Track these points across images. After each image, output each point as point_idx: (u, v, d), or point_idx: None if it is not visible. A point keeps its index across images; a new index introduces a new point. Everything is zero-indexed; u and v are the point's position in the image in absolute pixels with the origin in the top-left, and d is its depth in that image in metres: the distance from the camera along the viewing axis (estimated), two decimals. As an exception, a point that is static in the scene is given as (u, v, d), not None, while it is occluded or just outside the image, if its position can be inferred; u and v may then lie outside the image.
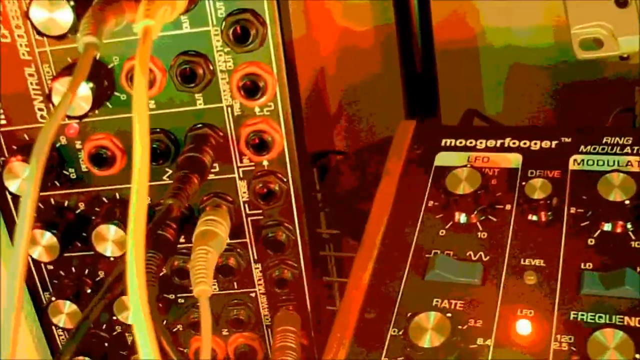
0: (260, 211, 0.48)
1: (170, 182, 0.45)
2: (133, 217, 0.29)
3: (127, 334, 0.52)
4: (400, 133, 0.50)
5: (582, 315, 0.39)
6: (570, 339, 0.38)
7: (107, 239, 0.45)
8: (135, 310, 0.27)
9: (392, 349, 0.39)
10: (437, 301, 0.41)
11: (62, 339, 0.52)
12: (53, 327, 0.52)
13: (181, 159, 0.43)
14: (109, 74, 0.44)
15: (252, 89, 0.43)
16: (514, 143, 0.48)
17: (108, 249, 0.46)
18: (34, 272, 0.49)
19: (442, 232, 0.44)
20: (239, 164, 0.46)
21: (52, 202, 0.48)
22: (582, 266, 0.41)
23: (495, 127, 0.59)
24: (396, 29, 0.62)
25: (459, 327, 0.39)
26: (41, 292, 0.50)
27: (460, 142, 0.49)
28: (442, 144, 0.49)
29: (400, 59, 0.63)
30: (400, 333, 0.40)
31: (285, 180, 0.46)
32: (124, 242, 0.45)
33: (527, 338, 0.38)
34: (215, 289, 0.50)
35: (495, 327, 0.39)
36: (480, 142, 0.48)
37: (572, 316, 0.39)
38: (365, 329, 0.41)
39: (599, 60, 0.50)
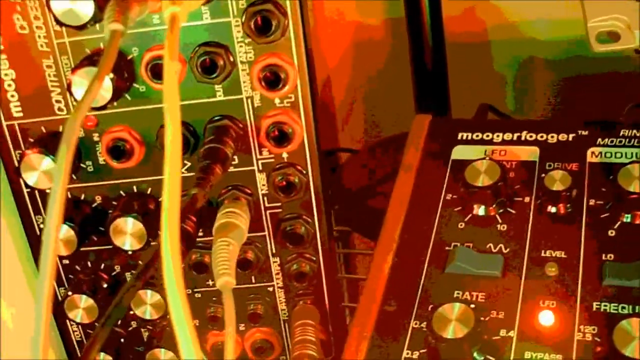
0: (279, 204, 0.47)
1: (188, 174, 0.45)
2: (166, 207, 0.28)
3: (142, 330, 0.52)
4: (415, 127, 0.50)
5: (605, 305, 0.39)
6: (594, 329, 0.38)
7: (125, 232, 0.45)
8: (175, 304, 0.26)
9: (415, 341, 0.39)
10: (458, 293, 0.41)
11: (77, 335, 0.52)
12: (68, 323, 0.51)
13: (203, 150, 0.43)
14: (129, 65, 0.43)
15: (272, 80, 0.43)
16: (530, 136, 0.48)
17: (126, 242, 0.45)
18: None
19: (461, 225, 0.44)
20: (258, 156, 0.46)
21: (69, 195, 0.47)
22: (604, 257, 0.41)
23: (511, 121, 0.59)
24: (406, 23, 0.62)
25: (482, 318, 0.39)
26: (56, 288, 0.50)
27: (477, 136, 0.48)
28: (459, 137, 0.49)
29: (410, 54, 0.63)
30: (423, 325, 0.40)
31: (304, 172, 0.46)
32: (142, 236, 0.45)
33: (550, 329, 0.38)
34: (233, 282, 0.49)
35: (518, 318, 0.39)
36: (497, 136, 0.48)
37: (595, 307, 0.39)
38: (386, 321, 0.40)
39: (613, 54, 0.50)
